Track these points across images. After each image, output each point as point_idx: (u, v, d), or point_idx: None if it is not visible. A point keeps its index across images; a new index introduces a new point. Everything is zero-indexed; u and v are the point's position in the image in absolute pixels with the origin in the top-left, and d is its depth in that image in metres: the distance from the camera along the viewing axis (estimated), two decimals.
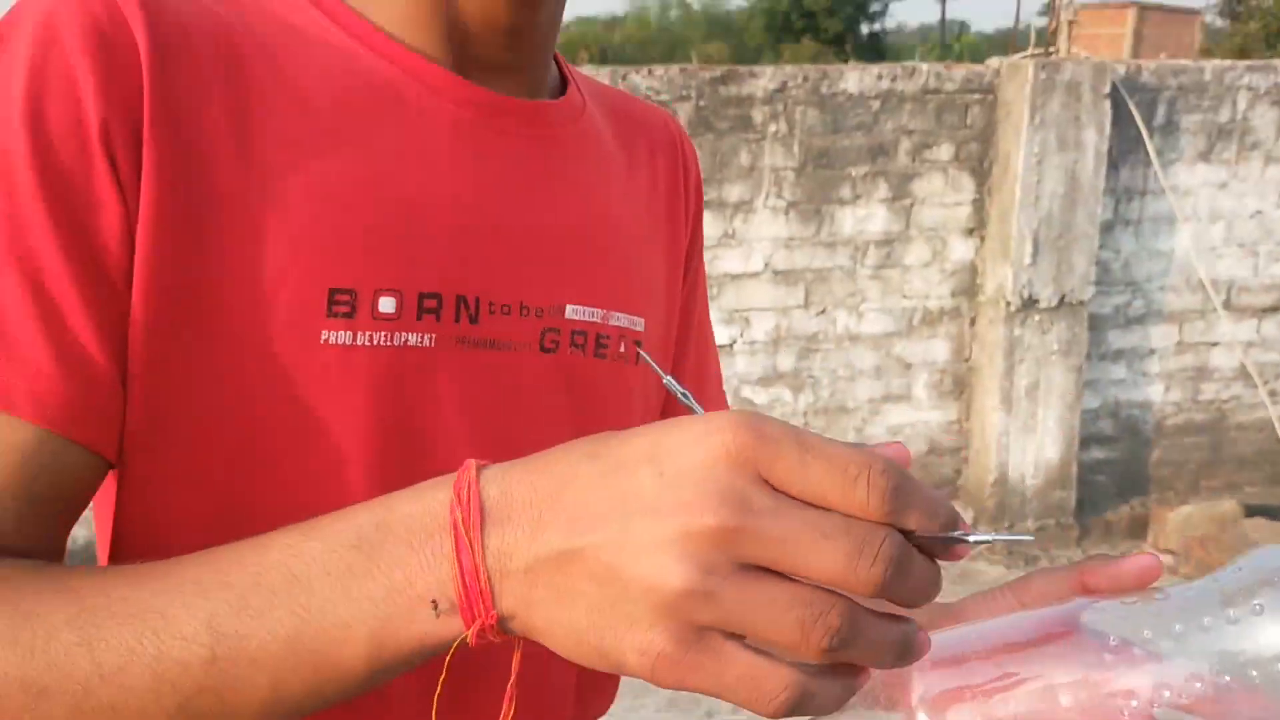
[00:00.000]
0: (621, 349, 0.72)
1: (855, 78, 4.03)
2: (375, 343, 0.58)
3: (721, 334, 4.14)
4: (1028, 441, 4.36)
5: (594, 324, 0.69)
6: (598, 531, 0.41)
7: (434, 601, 0.44)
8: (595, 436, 0.45)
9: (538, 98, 0.70)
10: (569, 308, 0.67)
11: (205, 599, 0.46)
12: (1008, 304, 4.19)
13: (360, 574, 0.45)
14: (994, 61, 4.21)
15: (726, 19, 45.80)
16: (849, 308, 4.23)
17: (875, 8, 45.17)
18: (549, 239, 0.67)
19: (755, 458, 0.40)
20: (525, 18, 0.65)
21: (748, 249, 4.08)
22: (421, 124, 0.62)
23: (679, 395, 0.53)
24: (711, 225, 4.02)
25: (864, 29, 45.44)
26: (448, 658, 0.45)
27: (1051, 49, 4.29)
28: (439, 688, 0.50)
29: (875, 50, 41.01)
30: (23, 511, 0.52)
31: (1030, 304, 4.20)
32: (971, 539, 0.42)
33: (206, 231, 0.55)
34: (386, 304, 0.59)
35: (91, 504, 0.58)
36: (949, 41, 38.20)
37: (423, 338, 0.60)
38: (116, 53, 0.54)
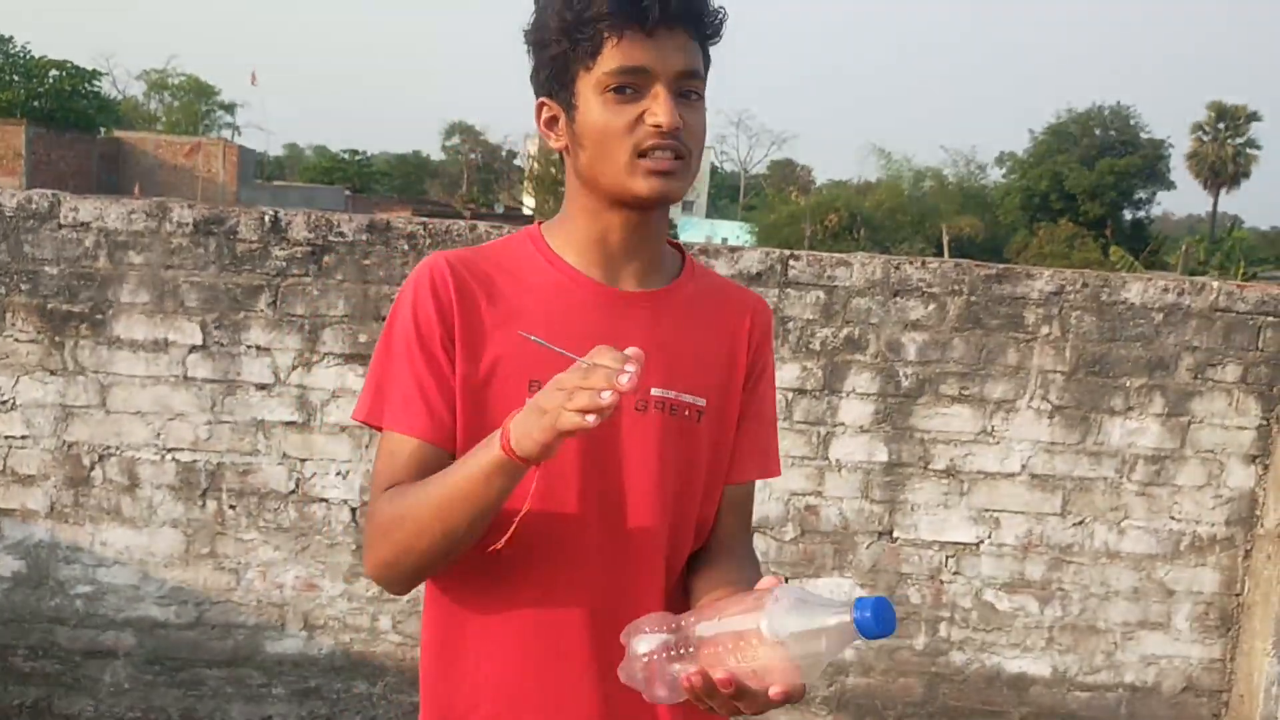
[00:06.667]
0: (688, 414, 1.38)
1: (1138, 288, 3.90)
2: None
3: (967, 532, 4.00)
4: None
5: (669, 399, 1.37)
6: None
7: (501, 440, 1.18)
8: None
9: (647, 285, 1.40)
10: (653, 390, 1.35)
11: (439, 483, 1.25)
12: None
13: (480, 449, 1.21)
14: None
15: (980, 194, 45.43)
16: (1110, 522, 4.01)
17: (1140, 195, 43.82)
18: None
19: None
20: (637, 250, 1.38)
21: (1005, 449, 3.96)
22: (580, 308, 1.36)
23: (548, 346, 1.19)
24: (968, 420, 3.93)
25: (1126, 215, 44.07)
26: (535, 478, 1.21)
27: None
28: (528, 503, 1.23)
29: (1138, 238, 39.60)
30: (414, 475, 1.30)
31: None
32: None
33: (482, 365, 1.33)
34: None
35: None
36: (1219, 236, 36.43)
37: None
38: (441, 296, 1.33)
